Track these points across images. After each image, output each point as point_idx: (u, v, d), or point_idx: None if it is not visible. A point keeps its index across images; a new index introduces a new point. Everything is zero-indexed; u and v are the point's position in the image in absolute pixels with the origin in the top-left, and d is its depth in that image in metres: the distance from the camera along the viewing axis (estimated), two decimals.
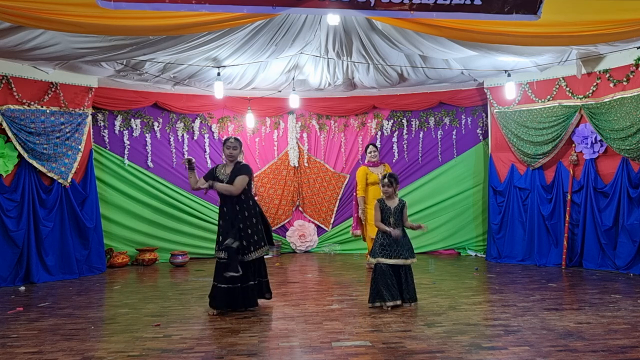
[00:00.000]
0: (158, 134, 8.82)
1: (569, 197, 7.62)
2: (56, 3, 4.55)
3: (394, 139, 9.41)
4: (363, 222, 7.54)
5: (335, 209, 9.63)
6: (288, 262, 8.63)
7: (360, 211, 7.53)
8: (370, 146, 7.65)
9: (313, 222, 9.69)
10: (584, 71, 7.36)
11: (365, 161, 7.70)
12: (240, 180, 5.13)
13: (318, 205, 9.67)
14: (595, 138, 7.32)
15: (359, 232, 7.76)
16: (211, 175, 5.28)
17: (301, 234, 9.56)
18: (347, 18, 6.34)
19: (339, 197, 9.59)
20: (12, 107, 6.91)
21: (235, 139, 5.33)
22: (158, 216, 8.69)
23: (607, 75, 7.11)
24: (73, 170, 7.50)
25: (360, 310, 5.20)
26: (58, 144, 7.33)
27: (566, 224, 7.60)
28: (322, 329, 4.55)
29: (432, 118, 9.32)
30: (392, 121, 9.42)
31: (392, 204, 5.39)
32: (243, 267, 5.10)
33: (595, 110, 7.23)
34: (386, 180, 5.40)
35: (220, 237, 5.16)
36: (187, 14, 4.79)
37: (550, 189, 7.88)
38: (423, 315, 4.95)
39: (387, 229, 5.28)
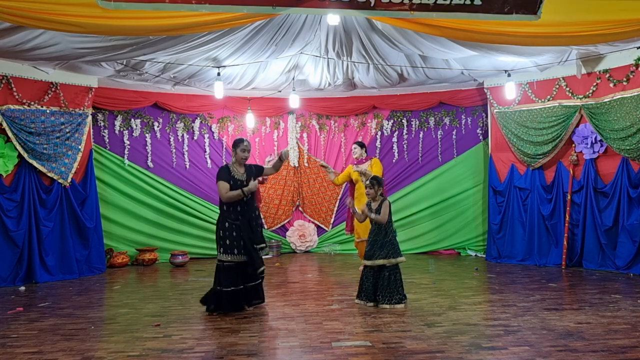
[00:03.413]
0: (158, 134, 8.82)
1: (569, 197, 7.61)
2: (56, 3, 4.55)
3: (394, 139, 9.40)
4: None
5: (335, 209, 9.62)
6: (288, 262, 8.63)
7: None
8: (354, 144, 7.41)
9: (313, 222, 9.68)
10: (584, 71, 7.36)
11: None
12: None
13: (318, 205, 9.67)
14: (595, 138, 7.32)
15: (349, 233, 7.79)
16: (231, 177, 5.16)
17: (301, 234, 9.55)
18: (347, 18, 6.34)
19: (339, 197, 9.58)
20: (12, 107, 6.91)
21: (248, 141, 5.39)
22: (158, 216, 8.69)
23: (607, 75, 7.10)
24: (73, 170, 7.50)
25: (360, 310, 5.20)
26: (58, 144, 7.33)
27: (566, 224, 7.60)
28: (322, 329, 4.55)
29: (432, 118, 9.32)
30: (392, 121, 9.42)
31: (374, 206, 5.50)
32: (246, 266, 5.16)
33: (595, 110, 7.23)
34: (367, 182, 5.58)
35: (241, 241, 5.10)
36: (187, 14, 4.79)
37: (550, 189, 7.88)
38: (423, 315, 4.95)
39: (358, 210, 5.73)
